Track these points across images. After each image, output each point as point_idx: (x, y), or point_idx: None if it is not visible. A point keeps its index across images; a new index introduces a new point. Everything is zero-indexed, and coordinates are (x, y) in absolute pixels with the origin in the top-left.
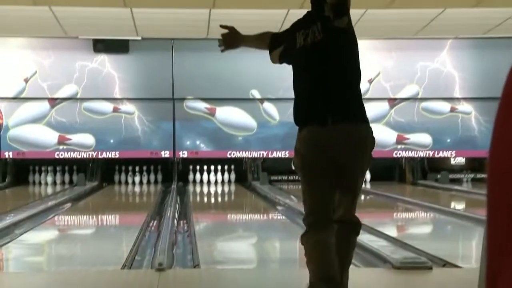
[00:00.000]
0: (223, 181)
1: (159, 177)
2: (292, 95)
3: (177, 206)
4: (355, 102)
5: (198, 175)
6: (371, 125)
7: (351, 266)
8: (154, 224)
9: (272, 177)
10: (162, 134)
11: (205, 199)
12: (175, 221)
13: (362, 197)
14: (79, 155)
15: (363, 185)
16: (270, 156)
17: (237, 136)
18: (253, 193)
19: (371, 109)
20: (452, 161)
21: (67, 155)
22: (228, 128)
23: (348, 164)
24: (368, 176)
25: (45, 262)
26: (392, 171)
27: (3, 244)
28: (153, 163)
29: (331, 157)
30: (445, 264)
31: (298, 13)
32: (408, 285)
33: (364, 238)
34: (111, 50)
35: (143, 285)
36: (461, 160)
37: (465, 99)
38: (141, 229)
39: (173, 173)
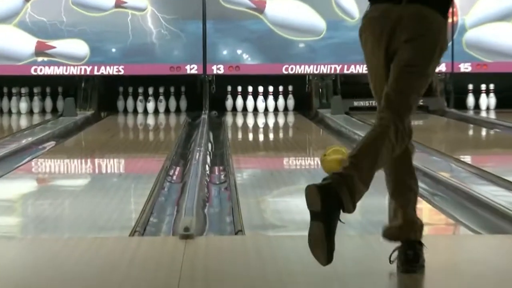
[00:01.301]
0: (276, 109)
1: (183, 103)
2: None
3: (210, 146)
4: None
5: (239, 100)
6: None
7: (470, 233)
8: (177, 172)
9: (349, 104)
10: (187, 40)
11: (250, 137)
12: (207, 168)
13: (483, 131)
14: (66, 70)
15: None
16: (345, 71)
17: (297, 42)
18: (321, 127)
19: None
20: None
21: (48, 70)
22: (284, 31)
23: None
24: (492, 100)
25: (18, 225)
26: None
27: None
28: (174, 83)
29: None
30: None
31: None
32: None
33: (485, 190)
34: None
35: (163, 257)
36: None
37: None
38: (158, 179)
39: (204, 97)
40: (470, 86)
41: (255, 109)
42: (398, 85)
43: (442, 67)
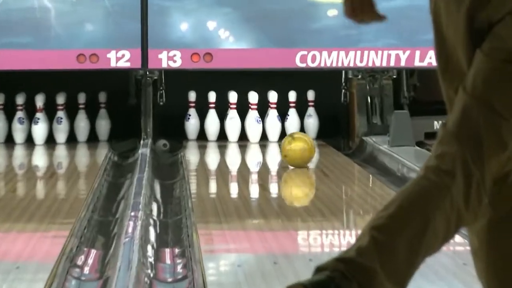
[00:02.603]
0: (283, 135)
1: (103, 125)
2: None
3: (155, 208)
4: None
5: (211, 120)
6: None
7: None
8: (91, 260)
9: (426, 125)
10: (111, 6)
11: (232, 190)
12: (150, 252)
13: None
14: None
15: None
16: (419, 64)
17: (323, 7)
18: (370, 171)
19: None
20: None
21: None
22: None
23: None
24: None
25: None
26: None
27: None
28: (86, 87)
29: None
30: None
31: None
32: None
33: None
34: None
35: None
36: None
37: None
38: (54, 273)
39: (143, 114)
40: None
41: (243, 137)
42: (486, 92)
43: None
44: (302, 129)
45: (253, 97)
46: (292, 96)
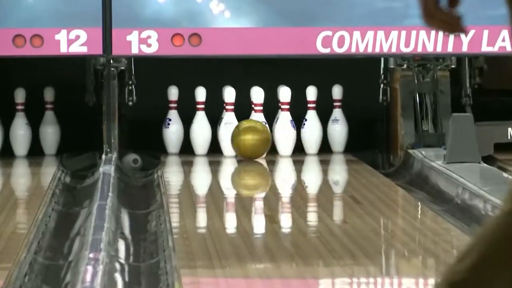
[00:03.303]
0: (299, 146)
1: (49, 135)
2: None
3: (122, 249)
4: None
5: (199, 127)
6: None
7: None
8: None
9: (498, 134)
10: None
11: (228, 222)
12: None
13: None
14: None
15: None
16: (486, 50)
17: None
18: (419, 195)
19: None
20: None
21: None
22: None
23: None
24: None
25: None
26: None
27: None
28: (27, 81)
29: None
30: None
31: None
32: None
33: None
34: None
35: None
36: None
37: None
38: None
39: (107, 118)
40: None
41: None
42: None
43: None
44: (325, 138)
45: (258, 95)
46: (311, 93)
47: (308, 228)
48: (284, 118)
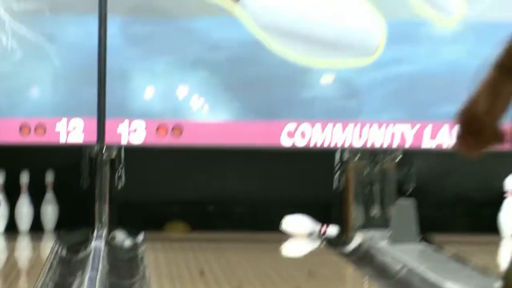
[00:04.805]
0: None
1: (48, 212)
2: None
3: None
4: None
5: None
6: None
7: None
8: None
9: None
10: (61, 62)
11: None
12: None
13: None
14: None
15: None
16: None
17: (315, 73)
18: (368, 272)
19: None
20: None
21: None
22: (286, 42)
23: None
24: None
25: None
26: None
27: None
28: (29, 165)
29: None
30: None
31: None
32: None
33: None
34: None
35: None
36: None
37: None
38: None
39: (98, 199)
40: None
41: (215, 226)
42: None
43: None
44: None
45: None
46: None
47: None
48: None
